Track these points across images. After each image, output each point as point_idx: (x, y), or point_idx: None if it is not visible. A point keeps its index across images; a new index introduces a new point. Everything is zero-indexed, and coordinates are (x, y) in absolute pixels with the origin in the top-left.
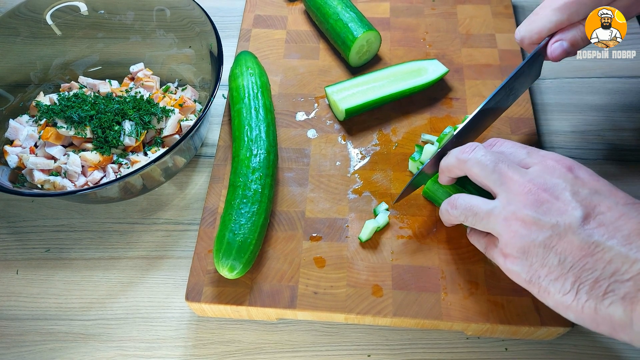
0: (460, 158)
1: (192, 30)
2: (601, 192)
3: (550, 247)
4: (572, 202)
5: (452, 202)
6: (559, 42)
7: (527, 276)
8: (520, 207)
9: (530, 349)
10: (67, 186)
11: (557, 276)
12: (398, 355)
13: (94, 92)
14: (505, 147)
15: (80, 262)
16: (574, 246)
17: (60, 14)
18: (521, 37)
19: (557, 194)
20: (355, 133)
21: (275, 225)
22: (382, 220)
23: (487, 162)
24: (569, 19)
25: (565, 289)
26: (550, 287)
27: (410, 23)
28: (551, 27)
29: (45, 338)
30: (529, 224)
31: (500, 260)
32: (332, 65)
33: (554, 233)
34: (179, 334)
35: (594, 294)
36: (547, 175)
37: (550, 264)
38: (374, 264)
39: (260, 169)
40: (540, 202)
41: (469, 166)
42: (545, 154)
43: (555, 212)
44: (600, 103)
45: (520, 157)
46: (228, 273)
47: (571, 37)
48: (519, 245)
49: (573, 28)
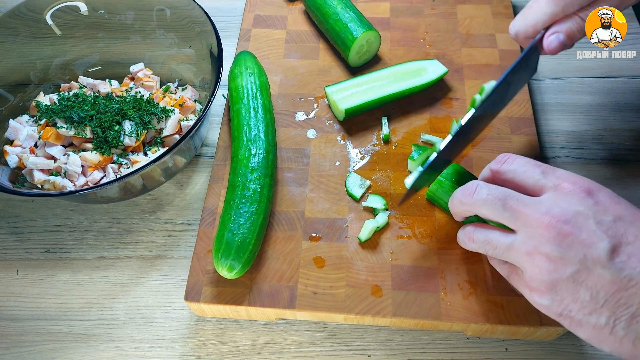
0: (465, 202)
1: (192, 30)
2: (624, 218)
3: (580, 282)
4: (597, 233)
5: (469, 235)
6: (555, 34)
7: (557, 310)
8: (542, 242)
9: (531, 349)
10: (67, 186)
11: (590, 311)
12: (398, 355)
13: (94, 92)
14: (517, 165)
15: (80, 262)
16: (606, 281)
17: (60, 14)
18: (516, 31)
19: (579, 225)
20: (355, 133)
21: (274, 225)
22: (382, 220)
23: (494, 201)
24: (564, 10)
25: (600, 324)
26: (583, 321)
27: (410, 23)
28: (546, 19)
29: (45, 338)
30: (554, 259)
31: (526, 292)
32: (331, 65)
33: (582, 267)
34: (178, 334)
35: (632, 329)
36: (564, 204)
37: (582, 299)
38: (373, 264)
39: (259, 168)
40: (563, 236)
41: (477, 208)
42: (561, 175)
43: (580, 245)
44: (600, 103)
45: (534, 177)
46: (227, 273)
47: (567, 28)
48: (546, 281)
49: (568, 20)
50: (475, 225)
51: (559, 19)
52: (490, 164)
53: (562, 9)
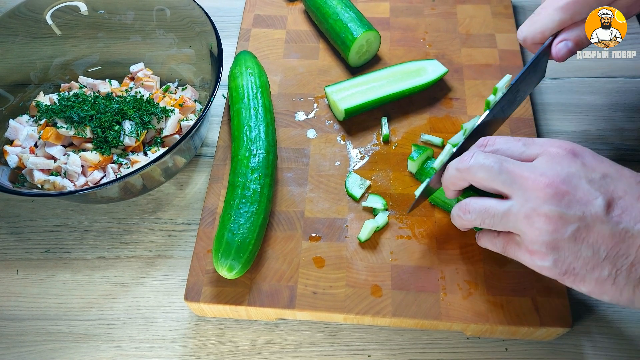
0: (461, 167)
1: (192, 30)
2: (610, 174)
3: (581, 240)
4: (592, 192)
5: (464, 207)
6: (564, 42)
7: (560, 270)
8: (540, 203)
9: (531, 349)
10: (67, 186)
11: (593, 266)
12: (398, 355)
13: (94, 92)
14: (499, 143)
15: (80, 262)
16: (605, 236)
17: (60, 14)
18: (524, 37)
19: (574, 184)
20: (355, 133)
21: (274, 225)
22: (382, 220)
23: (491, 164)
24: (572, 18)
25: (603, 277)
26: (587, 276)
27: (410, 23)
28: (554, 26)
29: (45, 338)
30: (553, 219)
31: (526, 258)
32: (331, 65)
33: (582, 225)
34: (178, 334)
35: (631, 278)
36: (557, 166)
37: (585, 256)
38: (373, 264)
39: (259, 168)
40: (560, 195)
41: (473, 173)
42: (543, 142)
43: (578, 203)
44: (600, 103)
45: (518, 150)
46: (227, 273)
47: (576, 36)
48: (547, 241)
49: (577, 27)
50: (470, 198)
51: (567, 26)
52: (472, 148)
53: (570, 16)
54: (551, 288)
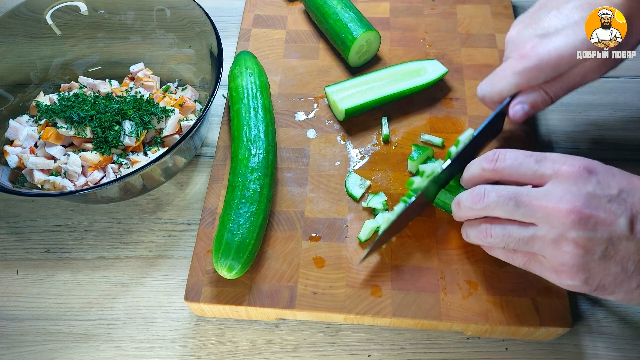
0: (476, 208)
1: (192, 30)
2: (624, 188)
3: (610, 258)
4: (614, 211)
5: (486, 231)
6: (520, 104)
7: (591, 287)
8: (566, 229)
9: (531, 349)
10: (67, 186)
11: (622, 280)
12: (398, 355)
13: (94, 92)
14: (510, 160)
15: (80, 262)
16: (632, 251)
17: (60, 14)
18: (482, 95)
19: (595, 206)
20: (355, 133)
21: (274, 225)
22: (382, 220)
23: (505, 202)
24: (528, 82)
25: (632, 288)
26: (616, 289)
27: (410, 23)
28: (511, 89)
29: (45, 338)
30: (581, 243)
31: (553, 277)
32: (331, 65)
33: (609, 245)
34: (178, 334)
35: None
36: (572, 187)
37: (614, 272)
38: (373, 264)
39: (259, 169)
40: (585, 220)
41: (490, 211)
42: (555, 158)
43: (603, 225)
44: (600, 103)
45: (531, 169)
46: (227, 273)
47: (532, 100)
48: (578, 264)
49: (533, 91)
50: (488, 221)
51: (523, 89)
52: (481, 162)
53: (527, 81)
54: (551, 288)
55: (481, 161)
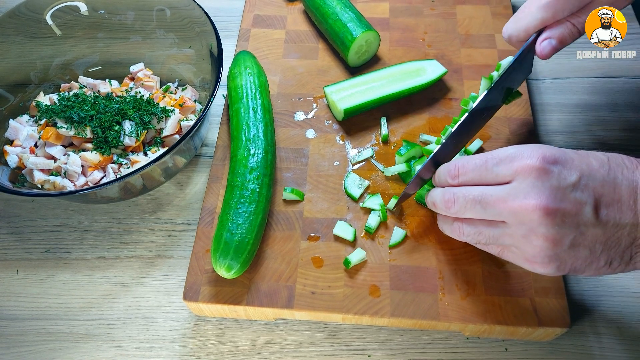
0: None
1: (192, 30)
2: (584, 172)
3: (578, 245)
4: (579, 199)
5: (459, 230)
6: (548, 40)
7: (562, 271)
8: (535, 225)
9: (530, 349)
10: (67, 186)
11: (591, 261)
12: (398, 355)
13: (94, 92)
14: (470, 171)
15: (80, 262)
16: (598, 235)
17: (60, 14)
18: (509, 35)
19: (560, 198)
20: (354, 133)
21: (273, 225)
22: (375, 221)
23: (473, 205)
24: (554, 16)
25: (599, 266)
26: (586, 269)
27: (410, 23)
28: (537, 24)
29: (45, 338)
30: (550, 237)
31: (526, 265)
32: (331, 65)
33: (578, 233)
34: (178, 334)
35: (624, 261)
36: (536, 182)
37: (584, 257)
38: (371, 264)
39: (258, 168)
40: (552, 214)
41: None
42: (509, 155)
43: (570, 216)
44: (600, 103)
45: (490, 176)
46: (225, 273)
47: (559, 34)
48: (548, 255)
49: (560, 25)
50: (460, 220)
51: (550, 24)
52: (446, 176)
53: (552, 15)
54: (549, 288)
55: (446, 175)
